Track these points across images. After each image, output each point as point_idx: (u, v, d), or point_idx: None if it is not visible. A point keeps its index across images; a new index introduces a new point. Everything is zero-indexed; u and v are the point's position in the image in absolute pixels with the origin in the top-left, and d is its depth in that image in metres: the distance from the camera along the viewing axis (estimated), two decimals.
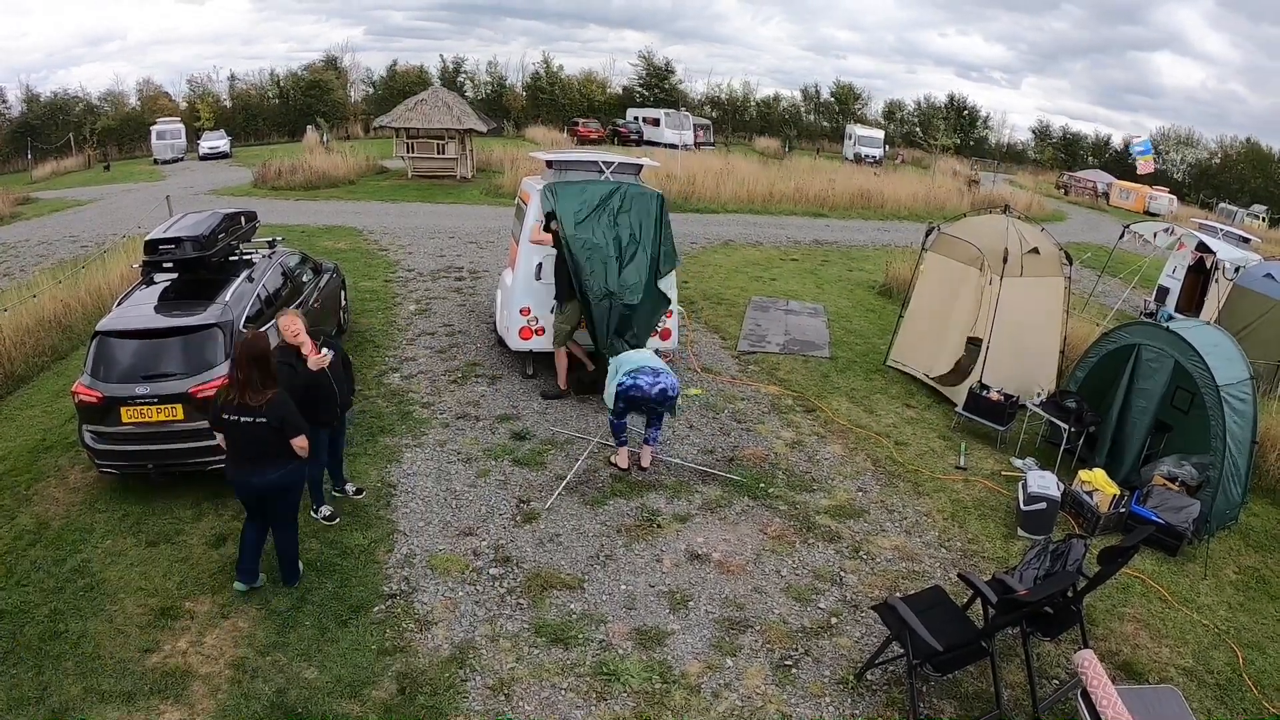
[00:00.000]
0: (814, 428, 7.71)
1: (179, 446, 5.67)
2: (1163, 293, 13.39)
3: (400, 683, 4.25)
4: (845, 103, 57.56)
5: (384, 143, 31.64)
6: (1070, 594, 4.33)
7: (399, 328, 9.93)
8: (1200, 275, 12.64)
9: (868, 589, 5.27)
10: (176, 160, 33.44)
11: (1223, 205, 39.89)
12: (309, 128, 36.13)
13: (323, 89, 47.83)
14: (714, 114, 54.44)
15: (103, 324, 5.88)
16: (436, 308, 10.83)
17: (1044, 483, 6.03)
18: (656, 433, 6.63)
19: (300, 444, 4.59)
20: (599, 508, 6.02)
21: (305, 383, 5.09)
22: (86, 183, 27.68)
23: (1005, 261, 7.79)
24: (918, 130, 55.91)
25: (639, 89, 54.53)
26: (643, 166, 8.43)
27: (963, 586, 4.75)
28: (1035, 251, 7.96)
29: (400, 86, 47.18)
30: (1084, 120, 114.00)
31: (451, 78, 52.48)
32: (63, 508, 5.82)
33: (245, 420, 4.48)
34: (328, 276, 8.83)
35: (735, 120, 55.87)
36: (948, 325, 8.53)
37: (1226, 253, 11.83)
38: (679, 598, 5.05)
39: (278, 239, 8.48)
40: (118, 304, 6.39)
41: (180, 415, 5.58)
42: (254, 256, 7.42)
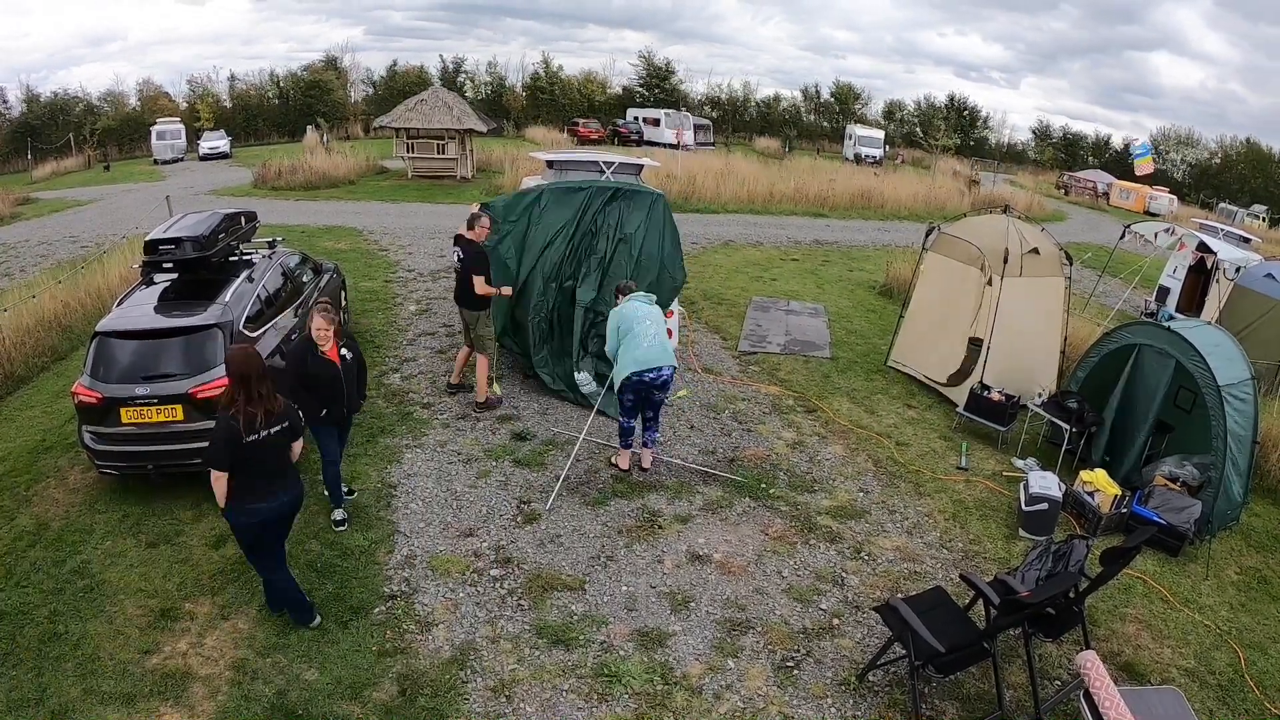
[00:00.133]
0: (815, 428, 7.70)
1: (179, 447, 5.65)
2: (1163, 293, 13.40)
3: (401, 684, 4.25)
4: (845, 103, 57.50)
5: (384, 143, 31.67)
6: (1072, 595, 4.32)
7: (399, 328, 9.93)
8: (1201, 275, 12.66)
9: (869, 590, 5.26)
10: (176, 160, 33.38)
11: (1223, 205, 39.87)
12: (309, 128, 36.08)
13: (323, 89, 47.76)
14: (714, 114, 54.42)
15: (102, 324, 5.88)
16: (437, 308, 10.82)
17: (1045, 483, 6.03)
18: (654, 434, 6.62)
19: (300, 447, 4.53)
20: (600, 508, 6.01)
21: (324, 377, 5.12)
22: (86, 183, 27.63)
23: (1006, 262, 7.78)
24: (918, 130, 55.81)
25: (639, 89, 54.54)
26: (643, 166, 8.43)
27: (964, 587, 4.74)
28: (1036, 252, 7.95)
29: (400, 87, 47.16)
30: (1084, 120, 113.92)
31: (451, 78, 52.48)
32: (62, 509, 5.81)
33: (274, 431, 4.20)
34: (328, 277, 8.82)
35: (735, 120, 55.85)
36: (948, 325, 8.53)
37: (1227, 253, 11.84)
38: (680, 599, 5.04)
39: (278, 239, 8.49)
40: (118, 304, 6.38)
41: (180, 416, 5.58)
42: (254, 257, 7.41)
